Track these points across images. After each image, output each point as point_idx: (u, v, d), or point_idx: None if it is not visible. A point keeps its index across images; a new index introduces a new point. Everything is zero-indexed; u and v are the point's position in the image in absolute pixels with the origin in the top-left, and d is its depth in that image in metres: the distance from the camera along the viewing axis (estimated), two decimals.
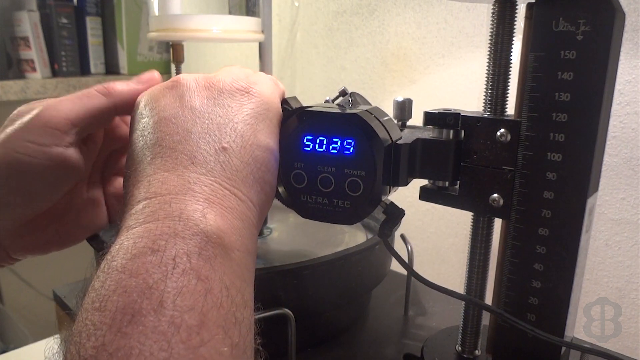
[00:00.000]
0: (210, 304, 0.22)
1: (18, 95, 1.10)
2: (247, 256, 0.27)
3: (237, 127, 0.30)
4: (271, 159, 0.31)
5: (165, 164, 0.28)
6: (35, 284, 1.30)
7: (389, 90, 0.84)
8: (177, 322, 0.21)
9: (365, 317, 0.54)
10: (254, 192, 0.29)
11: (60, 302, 0.59)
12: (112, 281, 0.22)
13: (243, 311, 0.24)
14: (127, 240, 0.24)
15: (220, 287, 0.23)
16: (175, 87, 0.32)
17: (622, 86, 0.59)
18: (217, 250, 0.25)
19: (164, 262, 0.23)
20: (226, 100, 0.31)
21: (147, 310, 0.21)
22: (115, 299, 0.22)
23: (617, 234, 0.62)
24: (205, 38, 0.70)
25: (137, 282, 0.22)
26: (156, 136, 0.29)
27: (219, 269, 0.24)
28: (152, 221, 0.25)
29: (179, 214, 0.25)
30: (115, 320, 0.21)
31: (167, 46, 1.27)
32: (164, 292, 0.22)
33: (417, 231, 0.84)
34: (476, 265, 0.40)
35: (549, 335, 0.34)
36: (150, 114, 0.31)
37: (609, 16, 0.30)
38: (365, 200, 0.32)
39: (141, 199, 0.27)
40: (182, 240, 0.24)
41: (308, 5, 0.94)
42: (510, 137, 0.34)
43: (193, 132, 0.29)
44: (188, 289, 0.22)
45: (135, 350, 0.20)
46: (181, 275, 0.23)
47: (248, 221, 0.28)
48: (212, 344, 0.21)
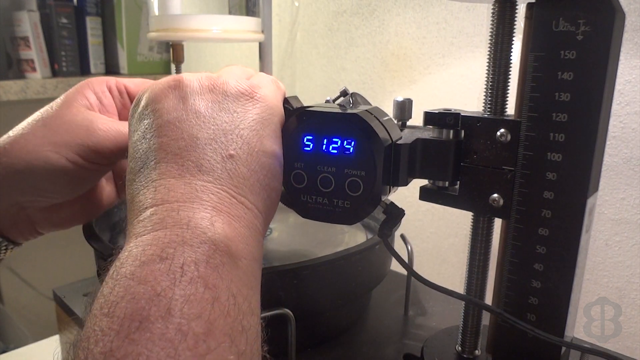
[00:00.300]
0: (218, 312, 0.23)
1: (18, 95, 1.10)
2: (253, 264, 0.27)
3: (243, 133, 0.30)
4: (277, 165, 0.31)
5: (171, 171, 0.28)
6: (35, 284, 1.30)
7: (389, 90, 0.84)
8: (185, 329, 0.21)
9: (365, 317, 0.54)
10: (261, 199, 0.30)
11: (60, 302, 0.59)
12: (120, 288, 0.23)
13: (250, 319, 0.24)
14: (136, 248, 0.24)
15: (227, 295, 0.24)
16: (178, 87, 0.31)
17: (622, 86, 0.59)
18: (225, 258, 0.25)
19: (172, 270, 0.23)
20: (231, 104, 0.31)
21: (155, 317, 0.21)
22: (124, 305, 0.22)
23: (617, 234, 0.62)
24: (205, 38, 0.70)
25: (145, 289, 0.22)
26: (160, 140, 0.29)
27: (227, 277, 0.24)
28: (161, 229, 0.25)
29: (187, 221, 0.25)
30: (123, 326, 0.21)
31: (167, 46, 1.27)
32: (172, 300, 0.22)
33: (417, 231, 0.84)
34: (476, 265, 0.40)
35: (549, 335, 0.34)
36: (153, 116, 0.30)
37: (609, 16, 0.30)
38: (365, 200, 0.32)
39: (148, 206, 0.27)
40: (190, 249, 0.24)
41: (308, 5, 0.94)
42: (510, 137, 0.34)
43: (199, 139, 0.29)
44: (196, 297, 0.22)
45: (143, 357, 0.20)
46: (189, 283, 0.23)
47: (255, 229, 0.28)
48: (218, 352, 0.22)
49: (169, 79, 0.32)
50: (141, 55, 1.32)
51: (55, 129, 0.37)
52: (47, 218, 0.40)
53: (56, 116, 0.38)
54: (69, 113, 0.38)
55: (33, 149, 0.36)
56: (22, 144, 0.36)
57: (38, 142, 0.36)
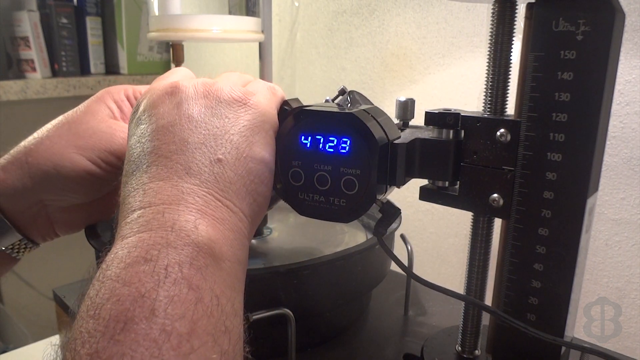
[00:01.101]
0: (201, 312, 0.23)
1: (18, 95, 1.10)
2: (237, 266, 0.28)
3: (232, 138, 0.30)
4: (265, 171, 0.31)
5: (160, 173, 0.29)
6: (35, 284, 1.30)
7: (389, 90, 0.84)
8: (168, 329, 0.22)
9: (365, 317, 0.54)
10: (246, 204, 0.30)
11: (60, 302, 0.59)
12: (106, 290, 0.23)
13: (233, 320, 0.25)
14: (122, 250, 0.25)
15: (210, 296, 0.24)
16: (174, 93, 0.32)
17: (622, 86, 0.59)
18: (208, 260, 0.25)
19: (156, 272, 0.23)
20: (223, 110, 0.31)
21: (140, 318, 0.22)
22: (109, 307, 0.22)
23: (617, 234, 0.62)
24: (205, 38, 0.71)
25: (130, 291, 0.23)
26: (153, 144, 0.30)
27: (210, 279, 0.25)
28: (146, 231, 0.26)
29: (172, 224, 0.26)
30: (108, 327, 0.21)
31: (167, 46, 1.27)
32: (156, 301, 0.22)
33: (417, 231, 0.84)
34: (476, 265, 0.40)
35: (548, 335, 0.34)
36: (149, 121, 0.31)
37: (609, 16, 0.30)
38: (360, 198, 0.33)
39: (136, 208, 0.27)
40: (174, 250, 0.25)
41: (308, 5, 0.94)
42: (510, 137, 0.34)
43: (190, 142, 0.30)
44: (179, 298, 0.23)
45: (127, 357, 0.21)
46: (173, 284, 0.23)
47: (239, 232, 0.29)
48: (201, 351, 0.22)
49: (166, 85, 0.33)
50: (141, 55, 1.32)
51: (81, 134, 0.39)
52: (66, 218, 0.42)
53: (81, 122, 0.40)
54: (93, 120, 0.40)
55: (59, 150, 0.38)
56: (48, 145, 0.38)
57: (64, 144, 0.38)
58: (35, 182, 0.38)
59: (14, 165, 0.38)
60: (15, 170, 0.38)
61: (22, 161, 0.38)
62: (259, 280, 0.42)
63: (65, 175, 0.38)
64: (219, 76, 0.35)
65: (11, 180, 0.38)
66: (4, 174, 0.38)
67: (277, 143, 0.33)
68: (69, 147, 0.38)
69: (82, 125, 0.39)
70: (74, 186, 0.39)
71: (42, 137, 0.39)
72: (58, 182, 0.39)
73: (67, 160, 0.38)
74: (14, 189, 0.38)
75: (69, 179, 0.38)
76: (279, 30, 1.00)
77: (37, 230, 0.41)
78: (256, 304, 0.41)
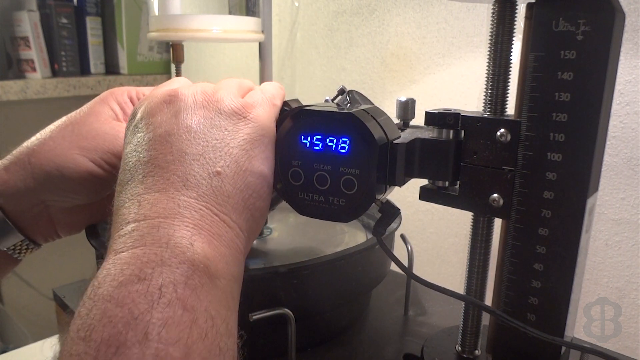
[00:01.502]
0: (196, 335, 0.22)
1: (18, 95, 1.10)
2: (232, 284, 0.27)
3: (232, 151, 0.30)
4: (264, 186, 0.31)
5: (157, 184, 0.28)
6: (35, 284, 1.30)
7: (389, 90, 0.84)
8: (162, 355, 0.21)
9: (365, 317, 0.54)
10: (244, 219, 0.29)
11: (60, 302, 0.59)
12: (98, 310, 0.22)
13: (227, 341, 0.24)
14: (115, 267, 0.24)
15: (205, 318, 0.23)
16: (173, 102, 0.31)
17: (622, 86, 0.59)
18: (204, 279, 0.25)
19: (150, 292, 0.23)
20: (223, 122, 0.31)
21: (132, 342, 0.21)
22: (101, 329, 0.22)
23: (617, 234, 0.62)
24: (205, 38, 0.70)
25: (122, 313, 0.22)
26: (150, 154, 0.29)
27: (205, 298, 0.24)
28: (140, 246, 0.25)
29: (167, 240, 0.25)
30: (99, 352, 0.21)
31: (167, 46, 1.27)
32: (149, 324, 0.22)
33: (417, 231, 0.84)
34: (476, 265, 0.40)
35: (548, 336, 0.34)
36: (146, 129, 0.31)
37: (609, 16, 0.30)
38: (360, 198, 0.33)
39: (130, 221, 0.27)
40: (169, 269, 0.24)
41: (308, 5, 0.94)
42: (510, 137, 0.34)
43: (187, 154, 0.29)
44: (174, 320, 0.22)
45: None
46: (167, 305, 0.23)
47: (235, 248, 0.28)
48: None
49: (164, 93, 0.32)
50: (141, 55, 1.32)
51: (84, 135, 0.39)
52: (68, 219, 0.42)
53: (84, 123, 0.40)
54: (96, 121, 0.40)
55: (62, 151, 0.38)
56: (51, 145, 0.38)
57: (67, 145, 0.38)
58: (38, 182, 0.38)
59: (16, 166, 0.38)
60: (18, 171, 0.38)
61: (24, 162, 0.38)
62: (259, 280, 0.42)
63: (68, 176, 0.38)
64: (219, 83, 0.35)
65: (14, 181, 0.38)
66: (6, 174, 0.38)
67: (277, 143, 0.33)
68: (72, 148, 0.38)
69: (85, 127, 0.39)
70: (77, 187, 0.39)
71: (45, 138, 0.39)
72: (61, 183, 0.38)
73: (70, 161, 0.38)
74: (17, 189, 0.38)
75: (71, 180, 0.38)
76: (279, 30, 1.00)
77: (39, 231, 0.41)
78: (256, 304, 0.41)
